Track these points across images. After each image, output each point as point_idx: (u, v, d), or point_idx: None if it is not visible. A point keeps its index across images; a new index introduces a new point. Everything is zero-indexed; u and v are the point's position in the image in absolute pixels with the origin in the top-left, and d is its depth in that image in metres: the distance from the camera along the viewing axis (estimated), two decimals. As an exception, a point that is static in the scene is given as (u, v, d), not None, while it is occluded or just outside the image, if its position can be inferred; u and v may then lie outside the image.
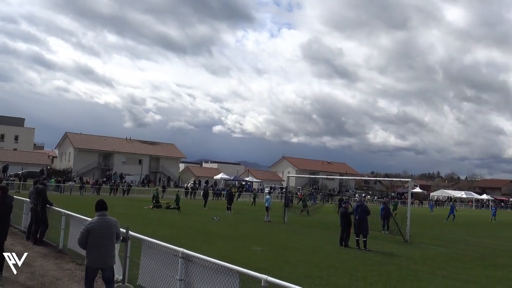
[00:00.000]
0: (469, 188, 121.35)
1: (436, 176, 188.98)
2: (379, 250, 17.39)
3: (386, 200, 30.79)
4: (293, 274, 11.45)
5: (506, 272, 14.13)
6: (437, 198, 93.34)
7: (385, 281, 11.46)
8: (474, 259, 16.75)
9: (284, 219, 27.31)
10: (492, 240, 24.24)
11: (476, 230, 30.99)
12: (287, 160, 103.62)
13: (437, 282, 11.77)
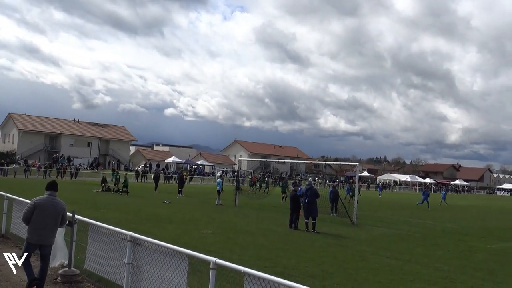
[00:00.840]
0: (413, 172, 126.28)
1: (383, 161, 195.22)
2: (327, 232, 17.86)
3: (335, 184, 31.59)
4: (243, 256, 11.59)
5: (445, 252, 14.88)
6: (384, 181, 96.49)
7: (332, 261, 11.81)
8: (416, 239, 17.51)
9: (235, 202, 27.47)
10: (433, 221, 25.41)
11: (419, 212, 32.31)
12: (239, 143, 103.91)
13: (381, 262, 12.24)
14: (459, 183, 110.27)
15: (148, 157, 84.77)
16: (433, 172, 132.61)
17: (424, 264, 12.35)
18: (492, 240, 18.93)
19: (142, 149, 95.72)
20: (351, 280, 9.80)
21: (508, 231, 23.15)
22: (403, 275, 10.74)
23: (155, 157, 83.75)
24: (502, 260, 13.95)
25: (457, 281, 10.48)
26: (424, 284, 9.97)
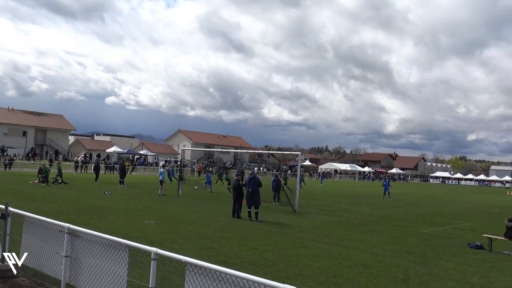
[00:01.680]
0: (353, 161, 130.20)
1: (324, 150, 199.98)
2: (270, 220, 18.14)
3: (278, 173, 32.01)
4: (186, 246, 11.59)
5: (381, 237, 15.55)
6: (325, 170, 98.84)
7: (274, 249, 12.04)
8: (355, 226, 18.16)
9: (178, 192, 27.27)
10: (371, 209, 26.39)
11: (358, 200, 33.45)
12: (183, 133, 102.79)
13: (321, 248, 12.62)
14: (396, 172, 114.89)
15: (88, 147, 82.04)
16: (371, 161, 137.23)
17: (361, 250, 12.86)
18: (424, 225, 19.94)
19: (82, 138, 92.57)
20: (292, 267, 10.05)
21: (439, 216, 24.45)
22: (341, 260, 11.13)
23: (95, 147, 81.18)
24: (432, 244, 14.76)
25: (391, 265, 11.00)
26: (361, 268, 10.38)
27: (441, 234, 17.49)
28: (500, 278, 10.50)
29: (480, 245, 14.54)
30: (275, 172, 33.75)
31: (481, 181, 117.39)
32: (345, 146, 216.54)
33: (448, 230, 18.75)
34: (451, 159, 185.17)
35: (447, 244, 15.05)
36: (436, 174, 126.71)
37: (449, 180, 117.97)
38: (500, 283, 9.93)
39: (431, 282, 9.51)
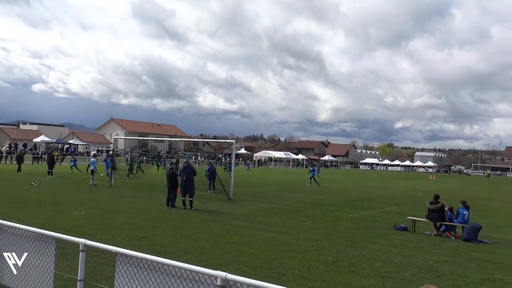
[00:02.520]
0: (287, 149, 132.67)
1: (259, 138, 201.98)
2: (205, 208, 18.15)
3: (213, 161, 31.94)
4: (118, 236, 11.37)
5: (313, 222, 16.04)
6: (259, 158, 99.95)
7: (208, 237, 12.09)
8: (288, 212, 18.57)
9: (110, 182, 26.58)
10: (304, 195, 27.07)
11: (291, 187, 34.17)
12: (116, 122, 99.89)
13: (256, 235, 12.82)
14: (328, 159, 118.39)
15: (13, 136, 77.68)
16: (305, 149, 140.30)
17: (294, 235, 13.20)
18: (354, 209, 20.76)
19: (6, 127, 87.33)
20: (226, 254, 10.14)
21: (367, 201, 25.54)
22: (275, 246, 11.38)
23: (21, 137, 77.01)
24: (361, 227, 15.43)
25: (322, 249, 11.39)
26: (294, 253, 10.67)
27: (369, 217, 18.29)
28: (422, 256, 11.18)
29: (404, 227, 15.37)
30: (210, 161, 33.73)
31: (406, 166, 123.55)
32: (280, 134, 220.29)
33: (376, 214, 19.64)
34: (380, 146, 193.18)
35: (375, 227, 15.78)
36: (365, 161, 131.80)
37: (377, 166, 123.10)
38: (422, 262, 10.57)
39: (359, 264, 9.96)
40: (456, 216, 15.12)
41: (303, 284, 8.00)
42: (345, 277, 8.80)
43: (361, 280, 8.59)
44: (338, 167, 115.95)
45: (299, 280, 8.37)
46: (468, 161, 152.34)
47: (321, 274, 8.88)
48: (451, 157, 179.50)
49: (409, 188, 39.98)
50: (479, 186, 51.51)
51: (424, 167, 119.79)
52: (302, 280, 8.33)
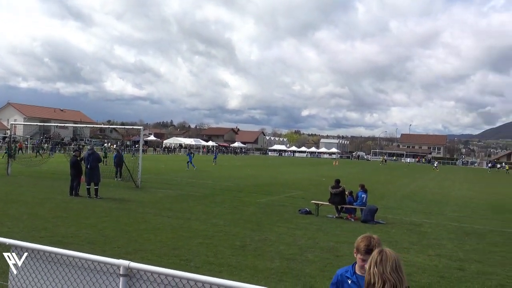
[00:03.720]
0: (197, 136, 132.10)
1: (169, 125, 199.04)
2: (111, 197, 17.63)
3: (121, 148, 31.00)
4: (16, 228, 10.73)
5: (222, 208, 16.21)
6: (169, 145, 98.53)
7: (114, 226, 11.79)
8: (197, 198, 18.58)
9: (7, 171, 24.83)
10: (213, 181, 27.20)
11: (201, 174, 34.13)
12: (14, 106, 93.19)
13: (163, 222, 12.71)
14: (238, 145, 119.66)
15: None
16: (215, 135, 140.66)
17: (202, 221, 13.28)
18: (262, 195, 21.27)
19: None
20: (133, 242, 9.97)
21: (274, 186, 26.28)
22: (183, 233, 11.37)
23: None
24: (268, 212, 15.88)
25: (230, 234, 11.58)
26: (202, 239, 10.75)
27: (276, 202, 18.86)
28: (324, 238, 11.78)
29: (308, 211, 16.06)
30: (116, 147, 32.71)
31: (312, 153, 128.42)
32: (190, 121, 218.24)
33: (283, 199, 20.29)
34: (287, 133, 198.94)
35: (281, 211, 16.31)
36: (274, 148, 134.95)
37: (285, 152, 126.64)
38: (324, 243, 11.14)
39: (265, 247, 10.27)
40: (356, 199, 16.08)
41: (210, 270, 8.10)
42: (252, 260, 9.04)
43: (267, 263, 8.88)
44: (248, 153, 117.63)
45: (206, 265, 8.46)
46: (368, 147, 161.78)
47: (228, 258, 9.05)
48: (353, 144, 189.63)
49: (314, 174, 41.66)
50: (376, 171, 55.00)
51: (329, 153, 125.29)
52: (210, 266, 8.43)
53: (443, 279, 8.49)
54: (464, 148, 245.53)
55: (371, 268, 2.77)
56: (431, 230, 14.02)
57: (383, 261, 2.74)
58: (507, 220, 17.33)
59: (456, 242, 12.23)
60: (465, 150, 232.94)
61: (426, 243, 11.83)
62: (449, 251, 11.08)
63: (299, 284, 7.63)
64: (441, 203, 21.85)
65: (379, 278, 2.70)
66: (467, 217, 17.44)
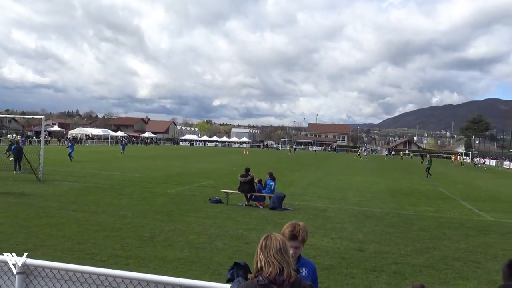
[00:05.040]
0: (105, 126, 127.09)
1: (75, 114, 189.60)
2: (9, 191, 16.54)
3: (22, 140, 29.08)
4: None
5: (130, 199, 15.85)
6: (75, 135, 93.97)
7: (13, 221, 11.10)
8: (104, 190, 17.98)
9: None
10: (122, 172, 26.45)
11: (108, 165, 33.01)
12: None
13: (68, 216, 12.18)
14: (148, 136, 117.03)
15: None
16: (124, 126, 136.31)
17: (110, 213, 12.91)
18: (172, 185, 21.08)
19: None
20: (33, 238, 9.47)
21: (185, 176, 26.14)
22: (88, 226, 11.00)
23: None
24: (178, 202, 15.80)
25: (139, 225, 11.40)
26: (109, 231, 10.47)
27: (186, 192, 18.80)
28: (234, 226, 11.99)
29: (219, 199, 16.21)
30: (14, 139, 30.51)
31: (223, 142, 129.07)
32: (98, 111, 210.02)
33: (193, 188, 20.27)
34: (199, 122, 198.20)
35: (191, 201, 16.30)
36: (185, 137, 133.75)
37: (196, 142, 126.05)
38: (233, 231, 11.34)
39: (174, 237, 10.25)
40: (264, 187, 16.50)
41: (117, 262, 7.94)
42: (161, 251, 8.99)
43: (176, 253, 8.88)
44: (158, 144, 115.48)
45: (113, 258, 8.28)
46: (277, 136, 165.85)
47: (136, 250, 8.92)
48: (263, 133, 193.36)
49: (224, 163, 41.95)
50: (284, 159, 56.64)
51: (240, 142, 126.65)
52: (117, 258, 8.26)
53: (344, 260, 9.03)
54: (366, 137, 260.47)
55: (257, 254, 2.86)
56: (334, 214, 14.79)
57: (267, 246, 2.84)
58: (402, 203, 18.73)
59: (357, 225, 13.03)
60: (367, 138, 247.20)
61: (329, 227, 12.47)
62: (350, 233, 11.78)
63: (208, 272, 7.72)
64: (344, 189, 23.08)
65: (265, 262, 2.80)
66: (367, 201, 18.60)
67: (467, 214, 16.54)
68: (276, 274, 2.78)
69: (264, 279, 2.78)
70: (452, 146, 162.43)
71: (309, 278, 3.52)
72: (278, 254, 2.81)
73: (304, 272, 3.57)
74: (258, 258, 2.85)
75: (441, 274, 8.41)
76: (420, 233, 12.34)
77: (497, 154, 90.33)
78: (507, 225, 14.59)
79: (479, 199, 22.13)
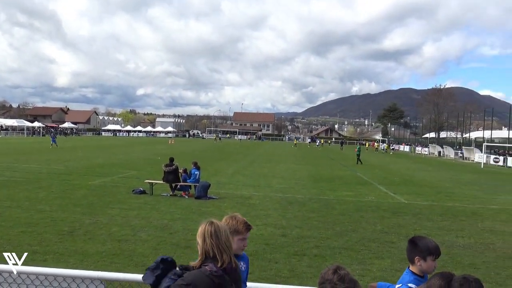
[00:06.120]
0: (20, 116, 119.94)
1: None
2: None
3: None
4: None
5: (48, 193, 15.13)
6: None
7: None
8: (19, 184, 17.00)
9: None
10: (39, 165, 25.15)
11: (26, 157, 31.24)
12: None
13: (-22, 213, 11.44)
14: (68, 126, 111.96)
15: None
16: (41, 116, 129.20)
17: (26, 208, 12.29)
18: (94, 176, 20.37)
19: None
20: None
21: (107, 167, 25.37)
22: (2, 222, 10.42)
23: None
24: (100, 194, 15.33)
25: (58, 219, 10.94)
26: (25, 227, 9.97)
27: (109, 183, 18.28)
28: (158, 217, 11.87)
29: (143, 190, 15.93)
30: None
31: (148, 132, 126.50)
32: (12, 100, 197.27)
33: (116, 180, 19.74)
34: (122, 112, 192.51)
35: (114, 192, 15.89)
36: (108, 128, 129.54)
37: (120, 132, 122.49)
38: (157, 221, 11.23)
39: (96, 230, 9.96)
40: (189, 177, 16.43)
41: (34, 259, 7.59)
42: (81, 245, 8.71)
43: (98, 246, 8.65)
44: (79, 134, 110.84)
45: (30, 255, 7.85)
46: (203, 126, 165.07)
47: (55, 245, 8.58)
48: (189, 122, 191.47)
49: (149, 153, 41.18)
50: (210, 149, 56.60)
51: (165, 132, 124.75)
52: (34, 255, 7.90)
53: (268, 246, 9.25)
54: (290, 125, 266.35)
55: (206, 241, 2.74)
56: (259, 202, 15.06)
57: (217, 232, 2.76)
58: (323, 188, 19.44)
59: (281, 211, 13.37)
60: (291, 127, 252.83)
61: (254, 214, 12.69)
62: (274, 220, 12.07)
63: (131, 264, 7.61)
64: (269, 177, 23.53)
65: (217, 249, 2.72)
66: (291, 188, 19.11)
67: (383, 197, 17.51)
68: (228, 262, 2.72)
69: (218, 269, 2.67)
70: (370, 133, 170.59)
71: (246, 271, 3.46)
72: (228, 241, 2.78)
73: (243, 266, 3.41)
74: (208, 245, 2.74)
75: (358, 255, 8.88)
76: (340, 217, 12.90)
77: (411, 140, 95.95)
78: (419, 206, 15.63)
79: (393, 183, 23.47)
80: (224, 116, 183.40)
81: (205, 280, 2.58)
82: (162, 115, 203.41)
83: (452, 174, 32.07)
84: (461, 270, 7.89)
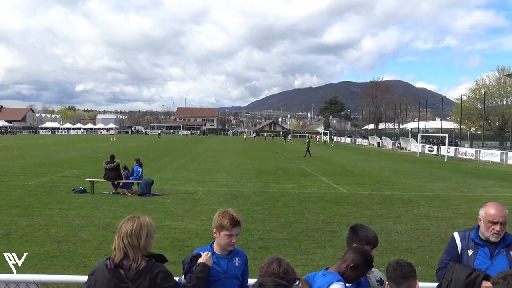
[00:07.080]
0: None
1: None
2: None
3: None
4: None
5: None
6: None
7: None
8: None
9: None
10: (-30, 166, 23.83)
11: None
12: None
13: None
14: (1, 124, 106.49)
15: None
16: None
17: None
18: (31, 176, 19.53)
19: None
20: None
21: (46, 166, 24.41)
22: None
23: None
24: (38, 194, 14.74)
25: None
26: (-45, 232, 9.44)
27: (47, 183, 17.61)
28: (100, 216, 11.58)
29: (83, 189, 15.48)
30: None
31: (89, 129, 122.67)
32: None
33: (55, 179, 19.04)
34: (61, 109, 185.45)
35: (53, 192, 15.33)
36: (45, 125, 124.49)
37: (59, 130, 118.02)
38: (99, 220, 10.96)
39: (33, 232, 9.59)
40: (132, 174, 16.12)
41: (-34, 265, 7.21)
42: (18, 248, 8.33)
43: (35, 249, 8.34)
44: (14, 133, 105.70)
45: (-39, 261, 7.49)
46: (146, 122, 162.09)
47: (-12, 250, 8.18)
48: (132, 119, 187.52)
49: (90, 151, 39.98)
50: (154, 145, 55.76)
51: (106, 129, 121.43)
52: (-35, 260, 7.50)
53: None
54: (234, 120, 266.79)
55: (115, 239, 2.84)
56: (203, 197, 15.04)
57: (121, 228, 2.83)
58: (267, 181, 19.68)
59: (225, 205, 13.23)
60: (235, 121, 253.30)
61: (199, 209, 12.67)
62: (219, 214, 12.07)
63: (72, 266, 7.40)
64: (213, 171, 23.51)
65: (116, 245, 2.80)
66: (235, 182, 19.20)
67: (325, 188, 17.97)
68: (120, 258, 2.76)
69: (111, 262, 2.76)
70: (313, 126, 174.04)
71: (241, 268, 3.35)
72: (128, 237, 2.78)
73: (238, 262, 3.32)
74: (114, 243, 2.84)
75: (302, 245, 9.08)
76: (284, 209, 13.13)
77: (351, 132, 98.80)
78: (359, 196, 16.17)
79: (335, 174, 24.13)
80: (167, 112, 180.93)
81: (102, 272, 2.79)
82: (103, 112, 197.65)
83: (391, 164, 33.36)
84: (398, 255, 8.28)
